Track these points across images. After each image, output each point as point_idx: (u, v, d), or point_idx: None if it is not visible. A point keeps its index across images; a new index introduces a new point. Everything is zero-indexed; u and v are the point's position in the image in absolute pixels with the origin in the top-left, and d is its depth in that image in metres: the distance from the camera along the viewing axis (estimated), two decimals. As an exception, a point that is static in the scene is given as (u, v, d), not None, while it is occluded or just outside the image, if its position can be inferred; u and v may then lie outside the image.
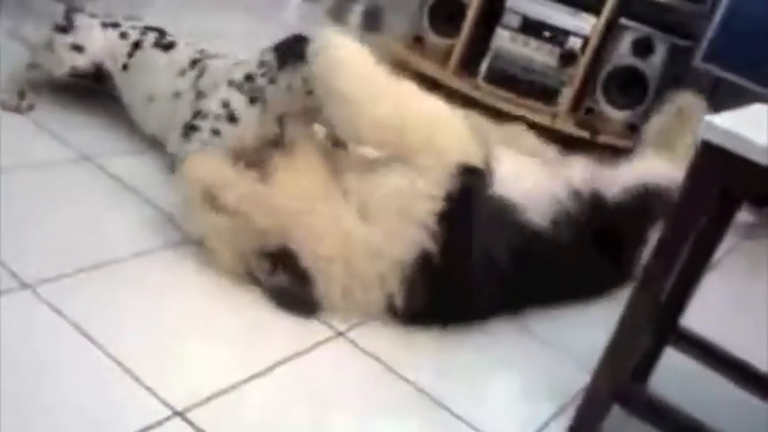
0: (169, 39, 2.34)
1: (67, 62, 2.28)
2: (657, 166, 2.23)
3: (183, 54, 2.28)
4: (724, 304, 2.37)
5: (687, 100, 2.50)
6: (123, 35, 2.33)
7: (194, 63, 2.23)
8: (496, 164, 1.93)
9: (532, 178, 2.07)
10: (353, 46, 1.89)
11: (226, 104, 2.09)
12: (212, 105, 2.10)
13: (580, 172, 2.18)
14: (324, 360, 1.66)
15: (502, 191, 1.93)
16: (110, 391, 1.39)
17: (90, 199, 1.95)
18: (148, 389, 1.41)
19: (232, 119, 2.07)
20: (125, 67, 2.30)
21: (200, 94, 2.16)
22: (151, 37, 2.33)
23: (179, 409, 1.39)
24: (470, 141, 1.88)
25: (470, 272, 1.82)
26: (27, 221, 1.75)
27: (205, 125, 2.09)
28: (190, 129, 2.11)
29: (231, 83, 2.10)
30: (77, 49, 2.28)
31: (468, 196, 1.82)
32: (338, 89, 1.84)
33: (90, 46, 2.29)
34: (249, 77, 2.08)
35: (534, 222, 1.96)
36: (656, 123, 2.47)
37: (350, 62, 1.86)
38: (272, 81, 2.05)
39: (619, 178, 2.18)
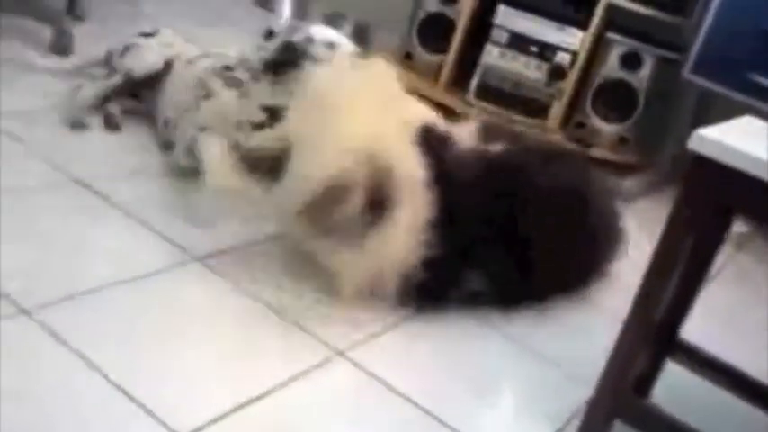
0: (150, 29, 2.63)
1: (160, 58, 2.52)
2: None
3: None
4: (722, 316, 2.38)
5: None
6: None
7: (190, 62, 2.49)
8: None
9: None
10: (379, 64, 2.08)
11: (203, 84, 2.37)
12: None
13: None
14: (325, 381, 1.65)
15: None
16: (110, 416, 1.37)
17: (85, 222, 1.94)
18: (149, 412, 1.40)
19: (207, 96, 2.33)
20: None
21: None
22: None
23: (181, 433, 1.38)
24: None
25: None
26: (21, 244, 1.75)
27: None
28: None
29: (213, 71, 2.38)
30: (168, 46, 2.58)
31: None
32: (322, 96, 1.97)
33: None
34: (227, 68, 2.36)
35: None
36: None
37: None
38: (254, 78, 2.29)
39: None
